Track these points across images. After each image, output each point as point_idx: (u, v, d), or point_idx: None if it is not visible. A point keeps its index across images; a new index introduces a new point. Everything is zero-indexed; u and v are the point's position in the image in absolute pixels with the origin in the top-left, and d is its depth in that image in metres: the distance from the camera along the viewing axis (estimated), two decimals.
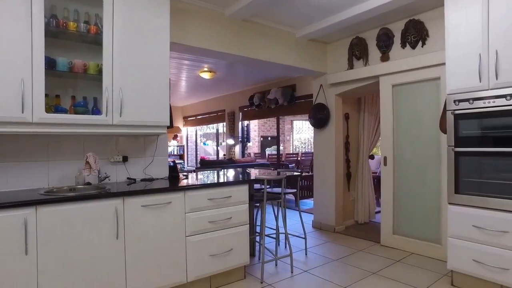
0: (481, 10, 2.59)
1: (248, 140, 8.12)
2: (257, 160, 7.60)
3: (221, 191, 2.69)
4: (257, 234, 3.61)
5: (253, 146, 12.71)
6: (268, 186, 3.89)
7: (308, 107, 5.77)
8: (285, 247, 3.85)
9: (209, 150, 13.12)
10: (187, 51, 3.53)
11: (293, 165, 8.61)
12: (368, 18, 3.63)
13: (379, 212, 5.40)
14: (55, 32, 2.35)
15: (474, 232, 2.61)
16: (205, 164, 5.78)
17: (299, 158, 11.10)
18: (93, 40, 2.51)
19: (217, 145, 9.86)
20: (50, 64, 2.30)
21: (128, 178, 2.82)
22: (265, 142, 12.89)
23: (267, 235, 3.69)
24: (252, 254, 3.43)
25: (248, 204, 2.88)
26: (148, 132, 2.63)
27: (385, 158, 3.90)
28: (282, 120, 13.51)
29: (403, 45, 3.70)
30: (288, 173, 3.29)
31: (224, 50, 3.48)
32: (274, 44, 3.95)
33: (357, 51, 4.17)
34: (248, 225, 2.88)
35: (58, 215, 1.99)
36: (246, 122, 8.13)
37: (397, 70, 3.72)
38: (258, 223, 3.70)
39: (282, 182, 3.15)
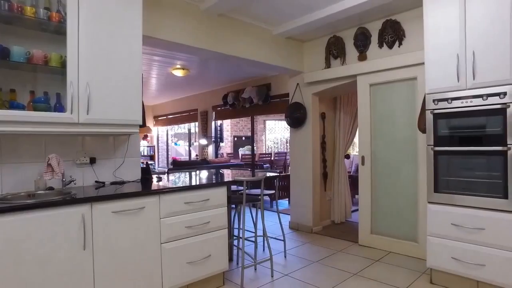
0: (458, 12, 2.62)
1: (221, 140, 7.94)
2: (231, 161, 7.45)
3: (199, 194, 2.53)
4: (234, 237, 3.47)
5: (226, 146, 12.53)
6: (240, 186, 3.78)
7: (284, 106, 5.71)
8: (263, 250, 3.75)
9: (181, 150, 12.78)
10: (160, 46, 3.33)
11: (268, 165, 8.54)
12: (346, 17, 3.61)
13: (354, 211, 5.46)
14: (8, 17, 2.09)
15: (452, 230, 2.63)
16: (177, 165, 5.55)
17: (272, 158, 11.06)
18: (55, 29, 2.27)
19: (189, 146, 9.60)
20: (3, 54, 2.04)
21: (96, 181, 2.59)
22: (238, 142, 12.76)
23: (245, 239, 3.56)
24: (229, 259, 3.29)
25: (226, 207, 2.74)
26: (118, 131, 2.41)
27: (362, 158, 3.90)
28: (255, 120, 13.44)
29: (380, 45, 3.71)
30: (269, 174, 3.18)
31: (199, 46, 3.32)
32: (251, 41, 3.83)
33: (335, 50, 4.15)
34: (227, 229, 2.74)
35: (13, 227, 1.75)
36: (219, 122, 7.95)
37: (375, 69, 3.72)
38: (235, 226, 3.57)
39: (261, 183, 3.03)
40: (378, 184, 3.78)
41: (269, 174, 3.26)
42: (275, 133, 14.54)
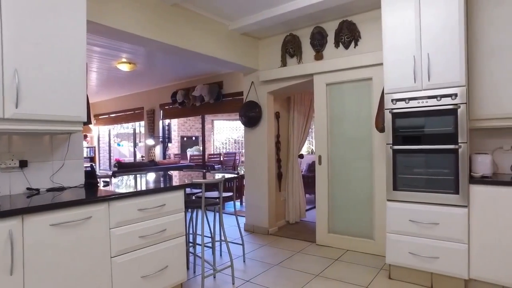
0: (414, 15, 2.70)
1: (169, 140, 7.54)
2: (180, 162, 7.09)
3: (154, 199, 2.27)
4: (190, 244, 3.23)
5: (173, 147, 12.02)
6: (200, 190, 3.56)
7: (237, 105, 5.58)
8: (220, 255, 3.55)
9: (124, 151, 11.96)
10: (102, 34, 2.96)
11: (219, 166, 8.33)
12: (303, 15, 3.58)
13: (308, 210, 5.51)
14: None
15: (410, 226, 2.70)
16: (123, 167, 5.09)
17: (222, 159, 10.86)
18: None
19: (134, 146, 8.98)
20: None
21: (28, 188, 2.19)
22: (185, 143, 12.31)
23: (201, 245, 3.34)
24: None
25: (184, 213, 2.51)
26: (57, 129, 2.05)
27: (319, 157, 3.90)
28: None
29: (337, 45, 3.74)
30: (227, 175, 3.00)
31: (149, 36, 3.02)
32: (205, 35, 3.62)
33: (291, 48, 4.10)
34: (185, 236, 2.51)
35: None
36: (167, 121, 7.54)
37: (331, 69, 3.74)
38: (191, 231, 3.33)
39: (220, 185, 2.84)
40: (335, 183, 3.80)
41: (227, 175, 3.08)
42: (222, 133, 14.34)
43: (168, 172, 3.71)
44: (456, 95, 2.51)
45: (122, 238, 2.06)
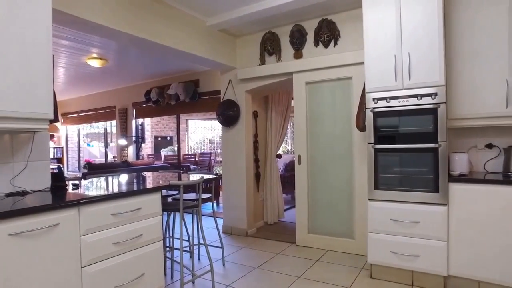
0: (395, 14, 2.71)
1: (143, 140, 7.27)
2: (154, 162, 6.85)
3: (129, 203, 2.11)
4: (167, 248, 3.08)
5: (146, 147, 11.66)
6: (176, 192, 3.41)
7: (213, 104, 5.44)
8: (199, 259, 3.42)
9: (95, 152, 11.45)
10: (73, 25, 2.76)
11: (195, 166, 8.14)
12: (282, 13, 3.53)
13: (286, 210, 5.46)
14: None
15: (391, 225, 2.71)
16: (94, 169, 4.82)
17: (197, 159, 10.65)
18: None
19: (106, 147, 8.61)
20: None
21: None
22: (159, 143, 11.98)
23: (178, 249, 3.19)
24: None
25: (161, 216, 2.37)
26: (18, 127, 1.85)
27: (299, 157, 3.85)
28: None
29: (316, 44, 3.71)
30: (206, 176, 2.88)
31: (122, 29, 2.84)
32: (182, 30, 3.48)
33: (270, 46, 4.04)
34: (162, 241, 2.37)
35: None
36: (140, 120, 7.27)
37: (310, 68, 3.71)
38: (167, 235, 3.18)
39: (199, 187, 2.72)
40: (314, 183, 3.77)
41: (206, 176, 2.96)
42: (197, 133, 14.09)
43: (143, 174, 3.54)
44: (436, 94, 2.53)
45: (94, 245, 1.90)
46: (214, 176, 3.01)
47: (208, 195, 3.28)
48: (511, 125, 2.64)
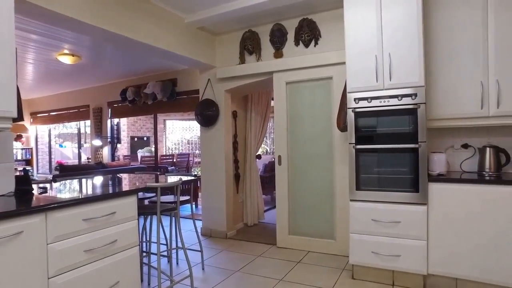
0: (375, 15, 2.71)
1: (118, 141, 7.03)
2: (131, 164, 6.63)
3: (102, 207, 1.99)
4: (144, 253, 2.96)
5: (122, 148, 11.32)
6: (154, 194, 3.29)
7: (191, 103, 5.33)
8: (177, 264, 3.31)
9: (68, 153, 10.99)
10: (41, 18, 2.59)
11: (173, 167, 7.95)
12: (262, 11, 3.49)
13: (266, 211, 5.41)
14: None
15: (373, 225, 2.71)
16: (66, 170, 4.58)
17: (175, 160, 10.45)
18: None
19: (79, 147, 8.26)
20: None
21: None
22: (135, 143, 11.66)
23: (155, 254, 3.07)
24: None
25: (137, 220, 2.25)
26: None
27: (279, 157, 3.81)
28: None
29: (297, 43, 3.68)
30: (184, 178, 2.77)
31: (95, 23, 2.70)
32: (160, 27, 3.36)
33: (250, 45, 3.97)
34: (138, 246, 2.25)
35: None
36: (116, 120, 7.02)
37: (291, 67, 3.67)
38: (144, 239, 3.05)
39: (177, 189, 2.62)
40: (295, 183, 3.74)
41: (185, 178, 2.85)
42: (175, 133, 13.84)
43: (118, 175, 3.39)
44: (416, 95, 2.55)
45: (63, 254, 1.77)
46: (193, 177, 2.91)
47: (187, 197, 3.17)
48: (486, 125, 2.71)
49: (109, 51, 4.71)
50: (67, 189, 2.29)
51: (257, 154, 5.17)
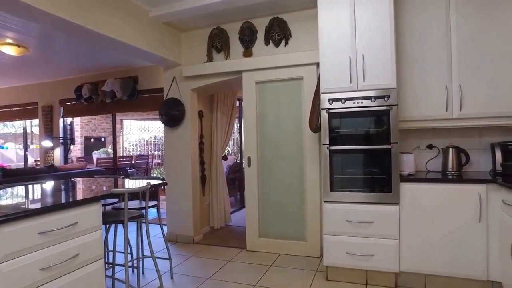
0: (349, 16, 2.72)
1: (72, 142, 6.51)
2: (87, 166, 6.15)
3: (62, 217, 1.76)
4: (108, 265, 2.71)
5: (75, 149, 10.56)
6: (116, 200, 3.05)
7: (154, 102, 5.07)
8: (143, 274, 3.09)
9: (10, 155, 10.00)
10: None
11: (133, 170, 7.53)
12: (231, 8, 3.40)
13: (231, 213, 5.30)
14: None
15: (347, 226, 2.71)
16: (10, 175, 4.11)
17: (133, 162, 9.95)
18: None
19: (25, 149, 7.52)
20: None
21: None
22: (90, 145, 10.94)
23: (120, 265, 2.83)
24: None
25: (102, 230, 2.04)
26: None
27: (249, 159, 3.72)
28: (111, 119, 11.87)
29: (267, 42, 3.62)
30: (153, 182, 2.58)
31: (44, 8, 2.39)
32: (121, 18, 3.12)
33: (218, 43, 3.84)
34: (104, 259, 2.04)
35: None
36: (69, 120, 6.50)
37: (261, 67, 3.60)
38: (105, 249, 2.80)
39: (146, 194, 2.43)
40: (265, 185, 3.67)
41: (153, 182, 2.66)
42: (133, 134, 13.23)
43: (73, 180, 3.09)
44: (388, 96, 2.59)
45: (13, 275, 1.53)
46: (162, 181, 2.72)
47: (154, 202, 2.96)
48: (449, 127, 2.83)
49: (62, 43, 4.31)
50: (14, 198, 2.02)
51: (223, 155, 5.05)
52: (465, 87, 2.70)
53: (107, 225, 2.61)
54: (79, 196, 2.06)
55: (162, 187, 4.78)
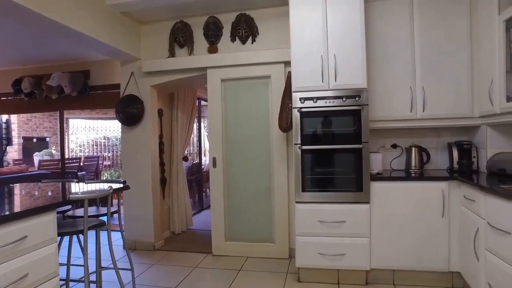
0: (321, 15, 2.71)
1: (9, 142, 5.83)
2: (28, 170, 5.51)
3: (7, 232, 1.49)
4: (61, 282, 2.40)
5: (11, 151, 9.52)
6: (69, 207, 2.75)
7: (109, 100, 4.69)
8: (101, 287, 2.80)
9: None
10: None
11: (84, 172, 6.94)
12: (196, 1, 3.25)
13: (193, 214, 5.09)
14: None
15: (319, 226, 2.69)
16: None
17: (82, 164, 9.23)
18: None
19: None
20: None
21: None
22: (30, 146, 9.94)
23: (76, 280, 2.54)
24: None
25: (57, 243, 1.78)
26: None
27: (214, 159, 3.57)
28: (54, 118, 10.92)
29: (233, 39, 3.50)
30: (115, 186, 2.33)
31: None
32: (76, 4, 2.81)
33: (182, 37, 3.64)
34: (59, 276, 1.78)
35: None
36: (4, 117, 5.81)
37: (227, 64, 3.48)
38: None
39: (107, 200, 2.18)
40: (231, 187, 3.55)
41: (115, 185, 2.41)
42: (80, 133, 12.30)
43: (16, 186, 2.71)
44: (359, 96, 2.61)
45: None
46: (124, 185, 2.47)
47: (115, 208, 2.69)
48: (413, 127, 2.94)
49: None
50: None
51: (183, 156, 4.83)
52: (428, 89, 2.82)
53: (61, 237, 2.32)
54: (28, 204, 1.78)
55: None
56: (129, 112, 3.83)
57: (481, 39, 2.63)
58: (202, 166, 6.99)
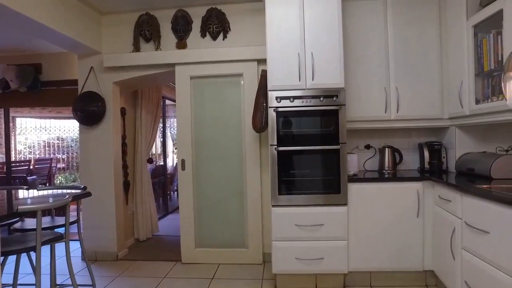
0: (298, 12, 2.63)
1: None
2: None
3: None
4: None
5: None
6: (16, 218, 2.42)
7: (64, 97, 4.30)
8: None
9: None
10: None
11: (35, 177, 6.33)
12: None
13: (158, 219, 4.81)
14: None
15: (296, 230, 2.60)
16: None
17: (32, 167, 8.50)
18: None
19: None
20: None
21: None
22: None
23: None
24: None
25: (2, 259, 1.51)
26: None
27: (182, 161, 3.37)
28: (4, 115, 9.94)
29: (203, 34, 3.33)
30: (74, 192, 2.06)
31: None
32: None
33: (147, 31, 3.40)
34: None
35: None
36: None
37: (196, 60, 3.30)
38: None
39: (66, 209, 1.92)
40: (201, 190, 3.36)
41: (74, 191, 2.15)
42: (29, 134, 11.35)
43: None
44: (337, 96, 2.56)
45: None
46: (85, 191, 2.20)
47: (74, 218, 2.41)
48: (388, 128, 2.95)
49: None
50: None
51: (148, 158, 4.55)
52: (401, 90, 2.83)
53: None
54: None
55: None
56: (89, 111, 3.51)
57: (450, 42, 2.68)
58: (167, 168, 6.68)
